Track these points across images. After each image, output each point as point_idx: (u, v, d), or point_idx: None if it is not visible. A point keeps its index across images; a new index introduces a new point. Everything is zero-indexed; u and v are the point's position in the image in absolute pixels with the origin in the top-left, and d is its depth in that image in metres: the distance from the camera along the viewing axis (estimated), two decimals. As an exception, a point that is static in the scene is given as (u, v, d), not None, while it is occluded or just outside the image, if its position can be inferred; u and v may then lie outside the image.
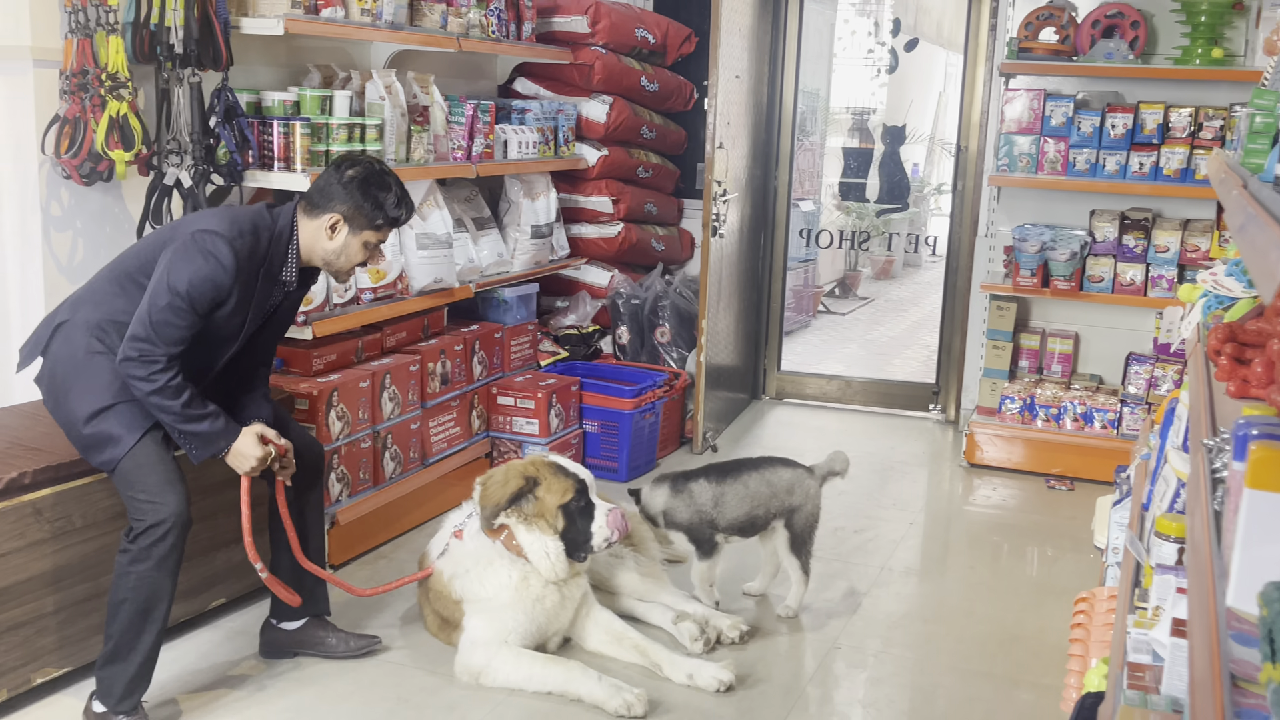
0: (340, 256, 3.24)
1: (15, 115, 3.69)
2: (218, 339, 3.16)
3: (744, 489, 3.83)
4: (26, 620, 3.12)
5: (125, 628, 2.98)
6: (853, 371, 7.77)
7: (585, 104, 5.91)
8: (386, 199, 3.21)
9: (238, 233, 3.07)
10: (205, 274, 3.00)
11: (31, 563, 3.12)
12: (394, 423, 4.45)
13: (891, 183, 8.59)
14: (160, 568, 2.97)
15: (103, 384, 3.06)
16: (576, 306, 6.05)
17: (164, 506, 2.97)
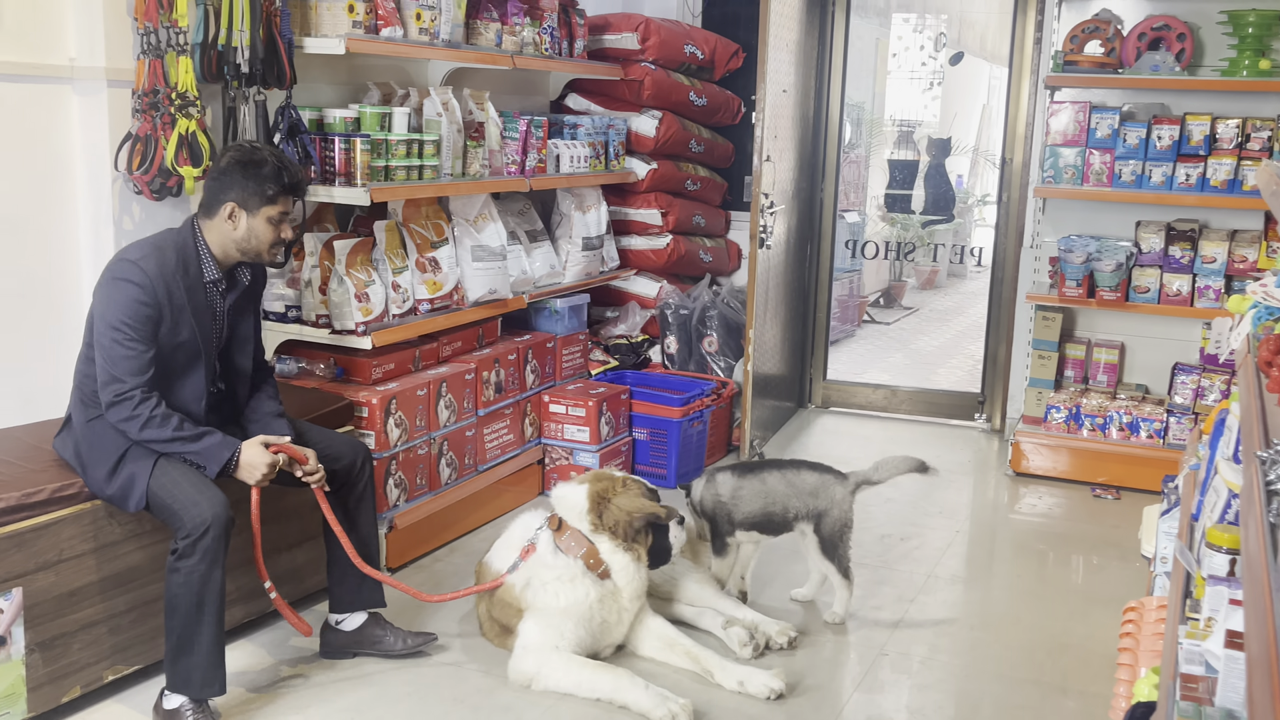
0: (251, 240, 3.23)
1: (90, 133, 3.77)
2: (185, 361, 3.18)
3: (761, 485, 3.87)
4: (99, 619, 3.18)
5: (184, 621, 3.02)
6: (898, 380, 7.73)
7: (635, 119, 5.93)
8: (264, 171, 3.20)
9: (142, 254, 3.11)
10: (126, 297, 3.04)
11: (104, 564, 3.18)
12: (450, 430, 4.49)
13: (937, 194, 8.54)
14: (205, 559, 3.00)
15: (107, 443, 3.13)
16: (626, 316, 6.07)
17: (202, 510, 3.01)
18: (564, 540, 3.50)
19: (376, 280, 4.23)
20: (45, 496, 3.07)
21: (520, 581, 3.52)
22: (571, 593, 3.44)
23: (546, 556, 3.49)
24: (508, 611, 3.56)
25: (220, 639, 3.09)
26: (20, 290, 3.68)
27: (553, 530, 3.54)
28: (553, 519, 3.57)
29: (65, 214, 3.80)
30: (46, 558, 3.04)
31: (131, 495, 3.09)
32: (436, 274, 4.49)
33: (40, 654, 3.04)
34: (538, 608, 3.46)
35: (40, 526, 3.03)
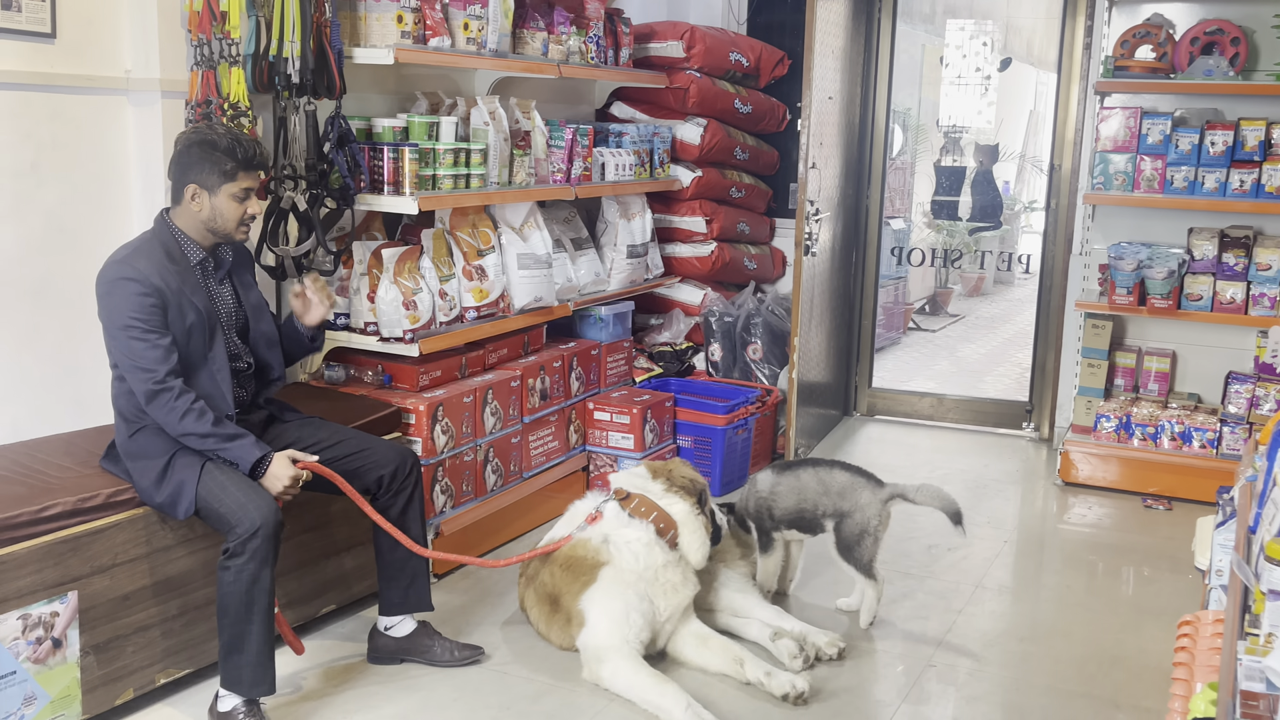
0: (217, 219, 3.22)
1: (145, 143, 3.82)
2: (200, 343, 3.19)
3: (796, 481, 3.94)
4: (152, 623, 3.22)
5: (234, 620, 3.04)
6: (944, 389, 7.65)
7: (680, 126, 5.92)
8: (218, 149, 3.18)
9: (125, 255, 3.13)
10: (126, 295, 3.05)
11: (157, 568, 3.22)
12: (496, 437, 4.50)
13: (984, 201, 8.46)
14: (255, 559, 3.02)
15: (152, 452, 3.16)
16: (670, 324, 6.06)
17: (251, 513, 3.03)
18: (634, 507, 3.60)
19: (424, 288, 4.25)
20: (100, 501, 3.11)
21: (598, 536, 3.57)
22: (648, 557, 3.52)
23: (621, 521, 3.59)
24: (578, 570, 3.55)
25: (269, 639, 3.10)
26: (75, 297, 3.73)
27: (619, 500, 3.63)
28: (618, 491, 3.67)
29: (120, 222, 3.86)
30: (101, 562, 3.08)
31: (181, 502, 3.12)
32: (483, 282, 4.51)
33: (95, 656, 3.08)
34: (618, 566, 3.50)
35: (95, 531, 3.07)
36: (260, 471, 3.16)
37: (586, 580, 3.51)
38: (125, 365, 3.08)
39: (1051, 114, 6.26)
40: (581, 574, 3.53)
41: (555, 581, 3.60)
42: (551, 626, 3.65)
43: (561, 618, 3.59)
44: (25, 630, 2.91)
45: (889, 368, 8.42)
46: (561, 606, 3.58)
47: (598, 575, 3.50)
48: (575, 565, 3.56)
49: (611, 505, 3.64)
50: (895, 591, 4.24)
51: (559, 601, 3.59)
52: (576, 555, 3.56)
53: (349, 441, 3.48)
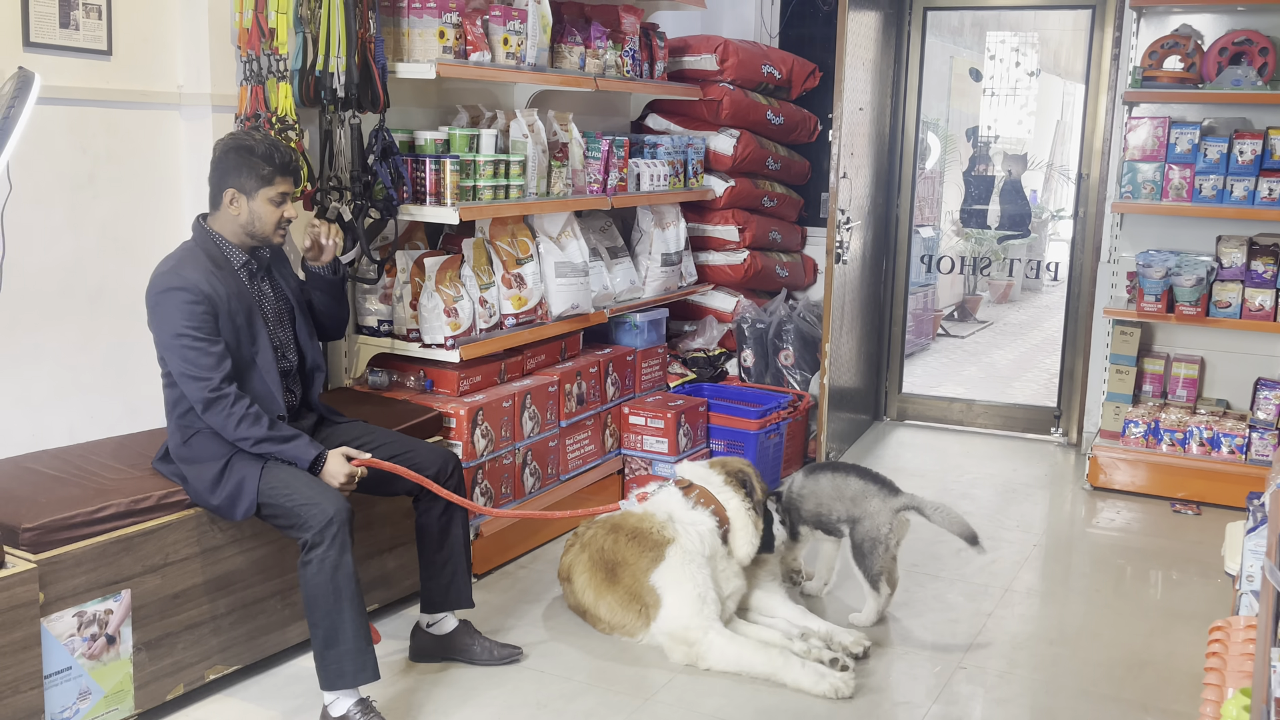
0: (255, 223, 3.23)
1: (196, 156, 3.85)
2: (251, 346, 3.20)
3: (816, 485, 4.00)
4: (202, 620, 3.24)
5: (325, 612, 3.02)
6: (974, 394, 7.61)
7: (713, 138, 5.91)
8: (255, 154, 3.20)
9: (172, 265, 3.15)
10: (177, 304, 3.07)
11: (207, 567, 3.24)
12: (533, 440, 4.51)
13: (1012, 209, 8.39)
14: (335, 546, 3.01)
15: (207, 455, 3.17)
16: (704, 330, 6.04)
17: (323, 506, 3.03)
18: (694, 496, 3.66)
19: (465, 296, 4.26)
20: (153, 503, 3.13)
21: (662, 513, 3.59)
22: (709, 543, 3.57)
23: (684, 505, 3.64)
24: (644, 542, 3.56)
25: (364, 624, 3.07)
26: (128, 305, 3.76)
27: (682, 489, 3.69)
28: (680, 480, 3.73)
29: (172, 232, 3.88)
30: (153, 561, 3.10)
31: (240, 503, 3.13)
32: (522, 290, 4.51)
33: (147, 653, 3.10)
34: (684, 546, 3.53)
35: (147, 531, 3.09)
36: (316, 469, 3.17)
37: (655, 556, 3.51)
38: (180, 374, 3.09)
39: (1080, 123, 6.19)
40: (648, 548, 3.53)
41: (618, 549, 3.58)
42: (603, 597, 3.63)
43: (621, 591, 3.58)
44: (80, 627, 2.94)
45: (919, 373, 8.37)
46: (621, 579, 3.56)
47: (665, 553, 3.52)
48: (641, 538, 3.56)
49: (673, 491, 3.69)
50: (924, 594, 4.20)
51: (618, 572, 3.57)
52: (642, 528, 3.57)
53: (393, 444, 3.49)
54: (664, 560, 3.50)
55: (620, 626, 3.65)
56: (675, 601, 3.47)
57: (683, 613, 3.46)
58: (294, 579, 3.48)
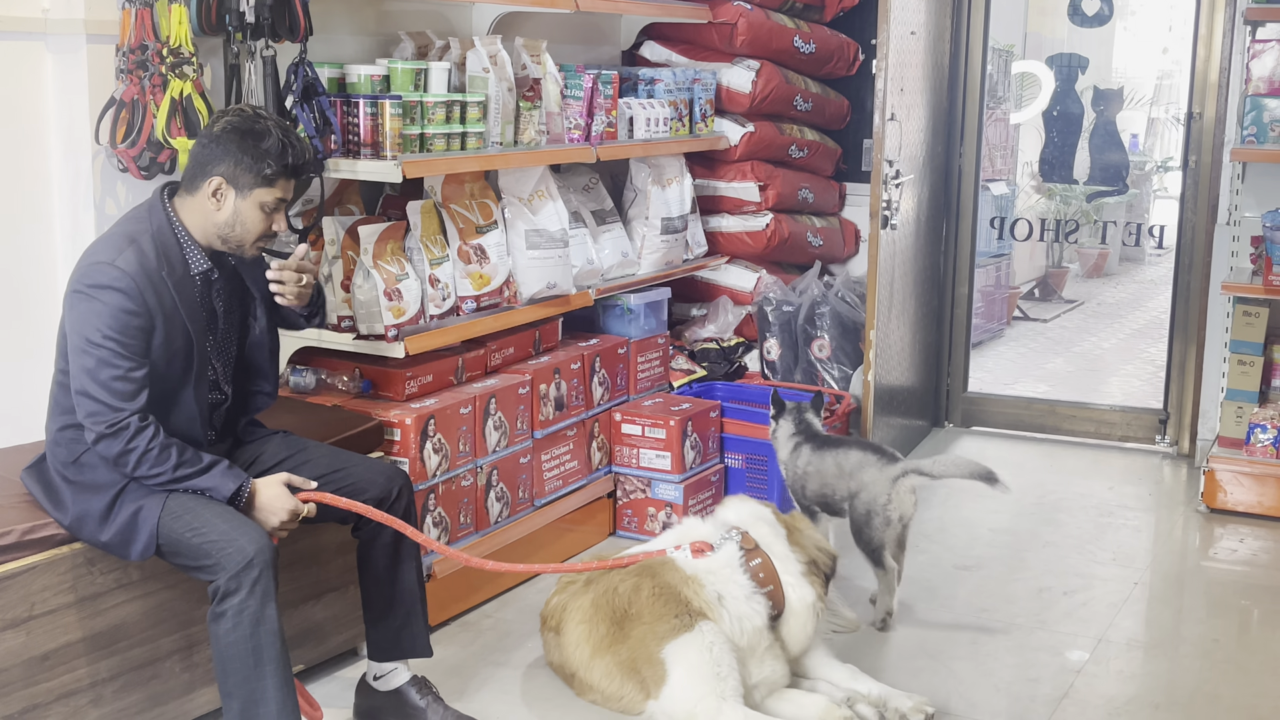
0: (236, 226, 3.22)
1: (66, 99, 3.83)
2: (180, 372, 3.21)
3: (820, 464, 4.41)
4: (78, 688, 3.22)
5: (242, 676, 3.02)
6: (1058, 393, 7.60)
7: (726, 71, 5.89)
8: (265, 144, 3.18)
9: (116, 252, 3.11)
10: (109, 307, 3.05)
11: (85, 620, 3.22)
12: (500, 456, 4.49)
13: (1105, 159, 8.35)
14: (255, 594, 3.01)
15: (99, 479, 3.16)
16: (716, 315, 6.03)
17: (240, 544, 3.03)
18: (756, 568, 3.64)
19: (410, 273, 4.25)
20: (14, 539, 3.11)
21: (710, 586, 3.58)
22: (754, 626, 3.56)
23: (736, 577, 3.62)
24: (673, 602, 3.54)
25: (290, 692, 3.08)
26: (-15, 289, 3.74)
27: (746, 549, 3.67)
28: (745, 538, 3.70)
29: (37, 197, 3.87)
30: (15, 613, 3.08)
31: (136, 540, 3.12)
32: (483, 265, 4.49)
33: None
34: (720, 629, 3.51)
35: (7, 576, 3.07)
36: (240, 500, 3.17)
37: (680, 625, 3.51)
38: (82, 390, 3.07)
39: (1190, 50, 6.17)
40: (676, 613, 3.53)
41: (637, 600, 3.58)
42: (600, 657, 3.63)
43: (624, 653, 3.57)
44: (-77, 698, 2.92)
45: (988, 367, 8.36)
46: (629, 637, 3.56)
47: (696, 625, 3.51)
48: (672, 598, 3.55)
49: (734, 557, 3.65)
50: (996, 646, 4.20)
51: (627, 627, 3.57)
52: (680, 590, 3.57)
53: (323, 460, 3.48)
54: (689, 633, 3.49)
55: (615, 698, 3.64)
56: (684, 677, 3.46)
57: (691, 693, 3.45)
58: (197, 633, 3.45)
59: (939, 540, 5.11)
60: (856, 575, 4.47)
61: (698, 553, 3.67)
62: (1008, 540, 5.15)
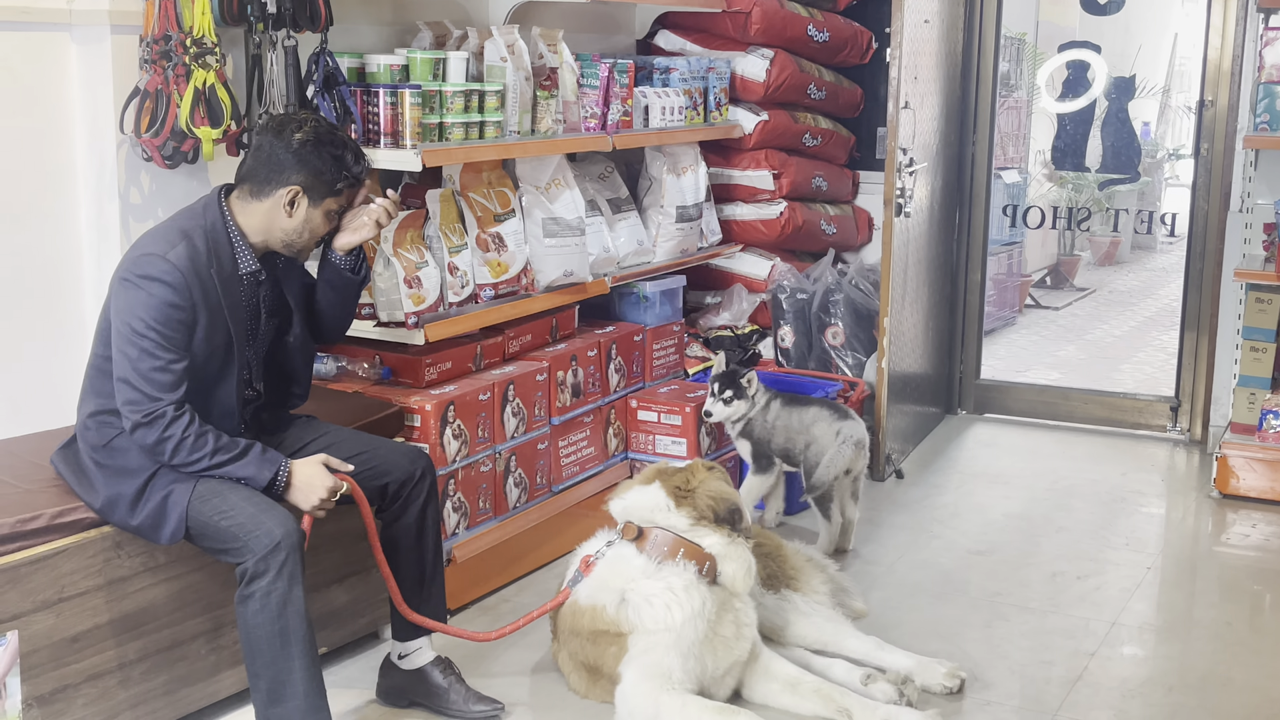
0: (304, 233, 3.30)
1: (91, 89, 3.86)
2: (218, 368, 3.25)
3: (789, 419, 4.81)
4: (107, 669, 3.26)
5: (268, 660, 3.06)
6: (1070, 380, 7.60)
7: (741, 60, 5.90)
8: (345, 157, 3.26)
9: (168, 244, 3.15)
10: (156, 299, 3.08)
11: (113, 603, 3.26)
12: (518, 442, 4.52)
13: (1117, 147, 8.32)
14: (283, 577, 3.05)
15: (130, 462, 3.20)
16: (730, 303, 6.04)
17: (269, 528, 3.07)
18: (653, 546, 3.54)
19: (430, 261, 4.27)
20: (43, 523, 3.15)
21: (611, 600, 3.53)
22: (689, 604, 3.46)
23: (639, 567, 3.52)
24: (600, 643, 3.55)
25: (317, 675, 3.12)
26: (10, 277, 3.78)
27: (631, 539, 3.58)
28: (627, 528, 3.61)
29: (62, 186, 3.90)
30: (45, 596, 3.12)
31: (166, 524, 3.16)
32: (501, 253, 4.52)
33: (39, 709, 3.12)
34: (647, 629, 3.46)
35: (37, 559, 3.11)
36: (280, 484, 3.21)
37: (618, 650, 3.53)
38: (123, 377, 3.11)
39: (1202, 37, 6.17)
40: (610, 644, 3.55)
41: (587, 653, 3.62)
42: (594, 689, 3.67)
43: (605, 682, 3.61)
44: (-43, 678, 2.96)
45: (1001, 355, 8.37)
46: (603, 674, 3.60)
47: (627, 644, 3.51)
48: (600, 637, 3.57)
49: (623, 551, 3.59)
50: (1010, 629, 4.22)
51: (599, 670, 3.61)
52: (597, 628, 3.56)
53: (348, 443, 3.53)
54: (628, 651, 3.50)
55: None
56: (631, 676, 3.46)
57: (635, 688, 3.44)
58: (223, 615, 3.50)
59: (952, 525, 5.14)
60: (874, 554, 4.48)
61: (586, 568, 3.63)
62: (1021, 525, 5.17)
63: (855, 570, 4.56)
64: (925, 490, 5.56)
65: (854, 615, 4.15)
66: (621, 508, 3.69)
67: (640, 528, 3.59)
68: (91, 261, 3.96)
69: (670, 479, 3.66)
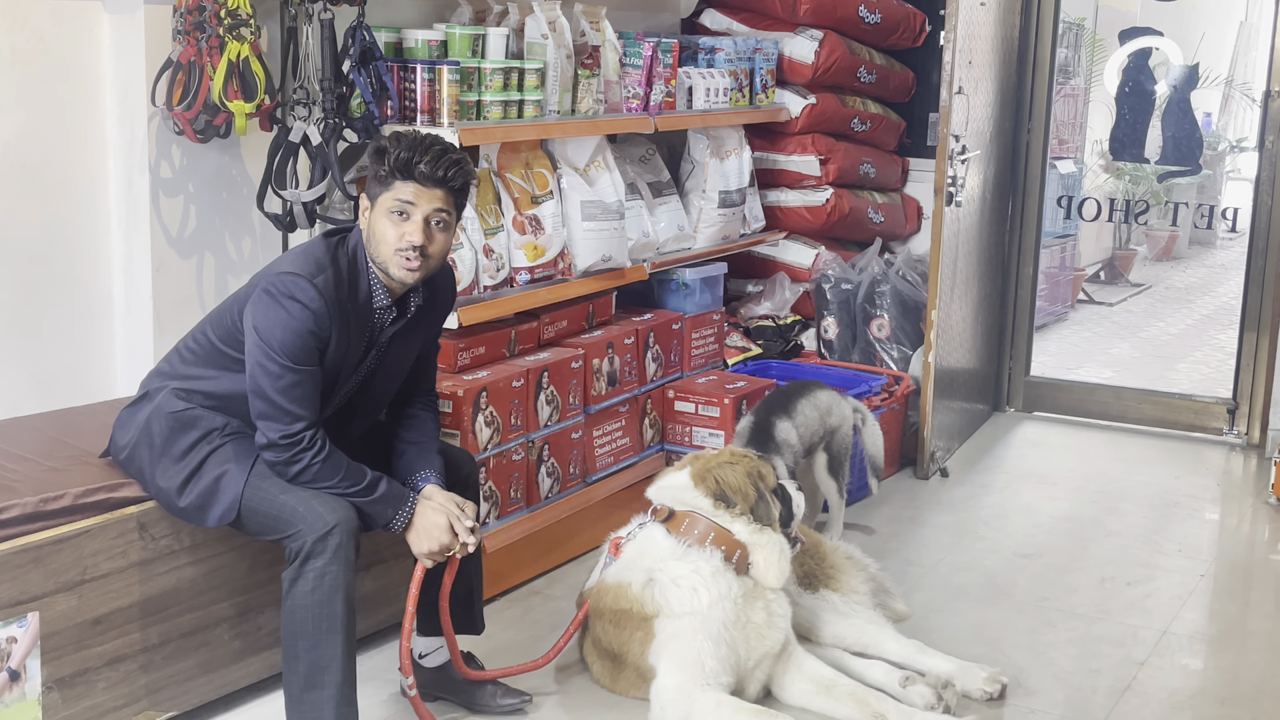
0: (374, 242, 3.22)
1: (123, 60, 3.88)
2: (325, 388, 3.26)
3: (804, 418, 4.64)
4: (129, 653, 3.28)
5: (311, 642, 3.08)
6: (1123, 379, 7.54)
7: (788, 40, 5.88)
8: (382, 145, 3.18)
9: (316, 268, 3.17)
10: (296, 324, 3.11)
11: (134, 587, 3.28)
12: (552, 431, 4.52)
13: (1178, 138, 8.25)
14: (338, 560, 3.07)
15: (186, 443, 3.23)
16: (772, 292, 6.03)
17: (323, 514, 3.09)
18: (683, 528, 3.56)
19: (465, 243, 4.28)
20: (67, 502, 3.17)
21: (638, 579, 3.54)
22: (714, 587, 3.47)
23: (668, 549, 3.54)
24: (628, 624, 3.55)
25: (353, 666, 3.14)
26: (38, 251, 3.80)
27: (662, 520, 3.61)
28: (659, 510, 3.64)
29: (92, 159, 3.92)
30: (68, 577, 3.14)
31: (217, 505, 3.19)
32: (538, 236, 4.52)
33: (59, 693, 3.14)
34: (673, 612, 3.46)
35: (60, 539, 3.13)
36: (400, 523, 3.26)
37: (643, 636, 3.54)
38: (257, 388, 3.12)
39: (1270, 23, 6.11)
40: (635, 628, 3.55)
41: (611, 638, 3.63)
42: (618, 682, 3.69)
43: (630, 674, 3.63)
44: (-24, 658, 2.98)
45: (1051, 351, 8.32)
46: (627, 664, 3.61)
47: (653, 629, 3.52)
48: (624, 620, 3.58)
49: (654, 529, 3.61)
50: (1056, 636, 4.19)
51: (622, 659, 3.62)
52: (621, 608, 3.57)
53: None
54: (654, 638, 3.51)
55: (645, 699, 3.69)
56: (665, 669, 3.47)
57: (670, 682, 3.44)
58: (249, 601, 3.52)
59: (999, 527, 5.11)
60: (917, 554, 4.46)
61: (616, 550, 3.65)
62: (1069, 528, 5.14)
63: (896, 570, 4.53)
64: (970, 490, 5.53)
65: (896, 617, 4.12)
66: (655, 490, 3.74)
67: (671, 509, 3.62)
68: (120, 237, 3.98)
69: (698, 462, 3.71)
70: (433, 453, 3.48)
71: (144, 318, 4.01)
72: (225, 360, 3.27)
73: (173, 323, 3.98)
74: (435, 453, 3.48)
